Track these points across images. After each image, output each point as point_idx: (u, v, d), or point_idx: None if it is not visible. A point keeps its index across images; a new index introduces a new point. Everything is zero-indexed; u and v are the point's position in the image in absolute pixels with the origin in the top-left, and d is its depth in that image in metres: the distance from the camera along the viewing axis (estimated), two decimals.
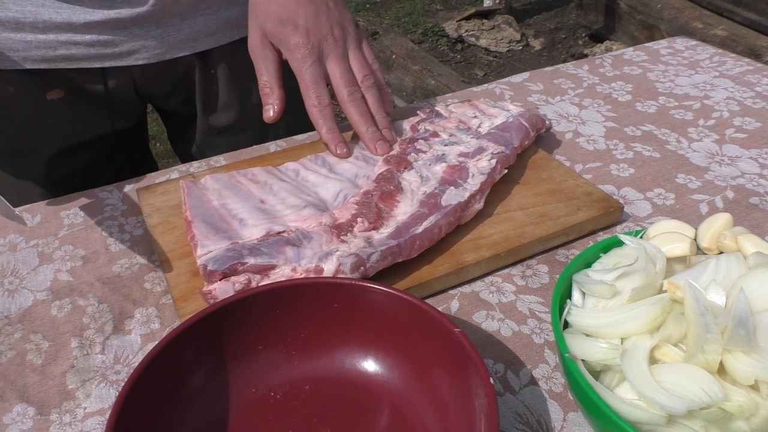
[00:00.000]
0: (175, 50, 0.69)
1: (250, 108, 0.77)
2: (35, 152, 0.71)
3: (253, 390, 0.42)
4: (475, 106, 0.68)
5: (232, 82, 0.75)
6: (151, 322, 0.49)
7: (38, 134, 0.70)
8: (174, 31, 0.68)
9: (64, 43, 0.63)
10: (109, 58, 0.66)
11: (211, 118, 0.78)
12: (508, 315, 0.49)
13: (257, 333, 0.43)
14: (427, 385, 0.41)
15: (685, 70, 0.85)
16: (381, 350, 0.43)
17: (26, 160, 0.72)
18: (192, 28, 0.69)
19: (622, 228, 0.57)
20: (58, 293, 0.51)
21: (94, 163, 0.76)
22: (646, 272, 0.40)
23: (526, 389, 0.43)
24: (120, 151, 0.79)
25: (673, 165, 0.66)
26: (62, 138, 0.71)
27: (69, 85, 0.68)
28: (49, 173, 0.73)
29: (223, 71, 0.74)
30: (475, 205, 0.53)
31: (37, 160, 0.72)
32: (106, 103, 0.72)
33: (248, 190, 0.55)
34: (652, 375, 0.35)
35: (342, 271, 0.46)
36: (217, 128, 0.78)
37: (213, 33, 0.71)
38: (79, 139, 0.72)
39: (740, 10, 2.73)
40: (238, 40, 0.73)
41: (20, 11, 0.61)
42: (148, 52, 0.68)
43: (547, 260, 0.54)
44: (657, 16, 3.03)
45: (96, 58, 0.66)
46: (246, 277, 0.45)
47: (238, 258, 0.46)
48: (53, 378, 0.44)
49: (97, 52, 0.65)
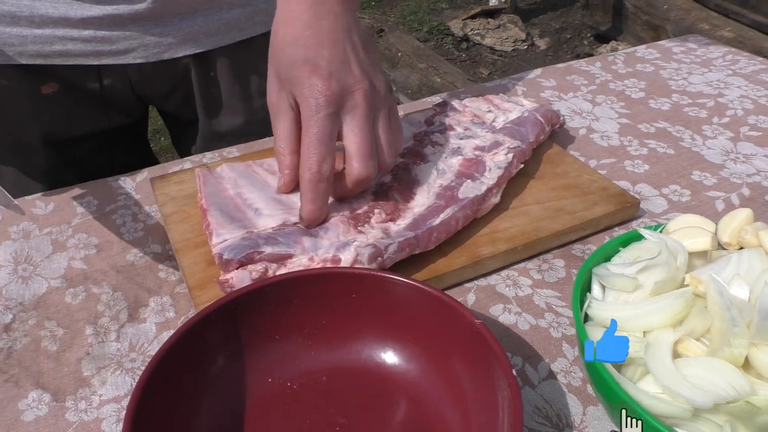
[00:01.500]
0: (173, 50, 0.67)
1: (253, 112, 0.75)
2: (31, 146, 0.70)
3: (270, 380, 0.42)
4: (489, 101, 0.68)
5: (234, 86, 0.73)
6: (165, 311, 0.48)
7: (34, 128, 0.69)
8: (173, 30, 0.66)
9: (60, 38, 0.62)
10: (106, 55, 0.65)
11: (213, 123, 0.75)
12: (525, 308, 0.49)
13: (274, 322, 0.42)
14: (447, 378, 0.41)
15: (698, 68, 0.84)
16: (399, 341, 0.43)
17: (23, 154, 0.71)
18: (192, 27, 0.66)
19: (637, 224, 0.57)
20: (72, 281, 0.51)
21: (90, 157, 0.75)
22: (667, 266, 0.40)
23: (544, 383, 0.43)
24: (118, 147, 0.77)
25: (688, 162, 0.65)
26: (58, 132, 0.70)
27: (64, 81, 0.67)
28: (45, 167, 0.72)
29: (223, 74, 0.72)
30: (491, 198, 0.53)
31: (33, 154, 0.71)
32: (101, 100, 0.70)
33: (264, 180, 0.55)
34: (677, 369, 0.35)
35: (359, 262, 0.46)
36: (218, 133, 0.75)
37: (213, 34, 0.68)
38: (75, 134, 0.71)
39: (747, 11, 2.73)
40: (239, 42, 0.70)
41: (16, 5, 0.59)
42: (145, 51, 0.66)
43: (563, 254, 0.54)
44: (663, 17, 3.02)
45: (92, 54, 0.64)
46: (263, 266, 0.45)
47: (254, 247, 0.45)
48: (68, 365, 0.44)
49: (93, 48, 0.64)
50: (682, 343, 0.37)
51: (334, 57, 0.47)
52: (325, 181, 0.47)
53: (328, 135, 0.46)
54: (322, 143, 0.46)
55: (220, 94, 0.73)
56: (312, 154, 0.46)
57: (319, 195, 0.47)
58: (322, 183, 0.47)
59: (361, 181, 0.48)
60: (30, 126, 0.69)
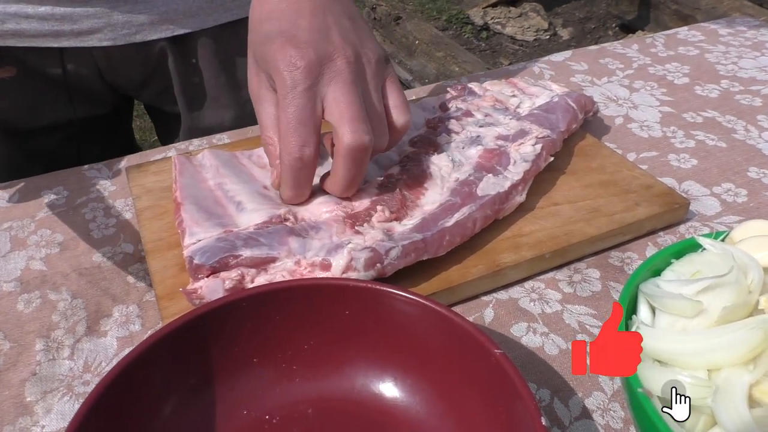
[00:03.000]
0: (146, 32, 0.58)
1: (243, 105, 0.65)
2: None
3: (245, 412, 0.35)
4: (514, 84, 0.59)
5: (219, 75, 0.64)
6: (130, 323, 0.41)
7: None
8: (145, 8, 0.57)
9: (12, 15, 0.54)
10: (67, 36, 0.57)
11: (196, 117, 0.66)
12: (553, 329, 0.41)
13: (252, 343, 0.35)
14: (457, 417, 0.33)
15: (749, 51, 0.75)
16: (401, 370, 0.35)
17: None
18: (168, 6, 0.58)
19: (686, 228, 0.49)
20: (27, 285, 0.44)
21: (59, 150, 0.67)
22: (738, 285, 0.32)
23: (577, 423, 0.35)
24: (92, 140, 0.70)
25: (743, 156, 0.57)
26: (16, 121, 0.63)
27: (22, 64, 0.60)
28: (4, 159, 0.65)
29: (206, 61, 0.63)
30: (516, 197, 0.45)
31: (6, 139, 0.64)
32: (65, 88, 0.63)
33: (250, 173, 0.47)
34: (754, 420, 0.27)
35: (354, 268, 0.38)
36: (203, 129, 0.66)
37: (194, 14, 0.59)
38: (37, 124, 0.64)
39: None
40: (225, 24, 0.61)
41: None
42: (113, 32, 0.57)
43: (598, 263, 0.46)
44: (694, 5, 2.89)
45: (51, 35, 0.57)
46: (238, 272, 0.37)
47: (230, 250, 0.38)
48: (10, 387, 0.37)
49: (51, 28, 0.56)
50: (760, 386, 0.29)
51: (312, 26, 0.41)
52: (308, 168, 0.41)
53: (308, 113, 0.40)
54: (302, 123, 0.39)
55: (203, 84, 0.64)
56: (291, 136, 0.40)
57: (300, 182, 0.42)
58: (304, 170, 0.41)
59: (354, 152, 0.40)
60: None
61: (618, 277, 0.45)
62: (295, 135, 0.40)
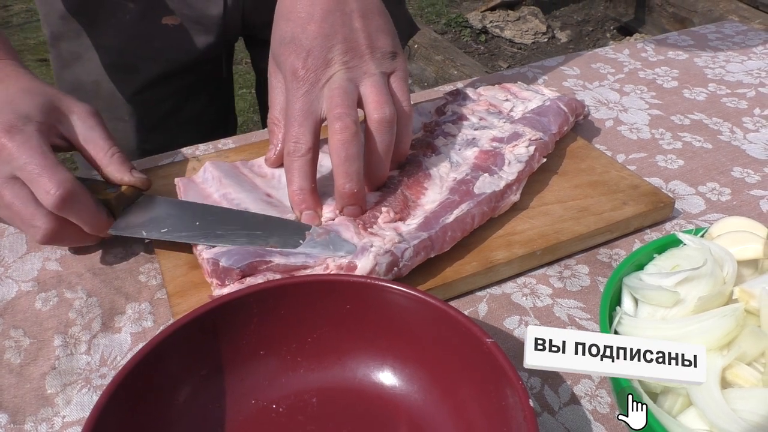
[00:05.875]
0: None
1: None
2: (135, 71, 0.70)
3: (253, 401, 0.37)
4: (507, 89, 0.62)
5: None
6: (143, 320, 0.44)
7: (143, 54, 0.69)
8: None
9: None
10: None
11: None
12: (544, 321, 0.43)
13: (258, 336, 0.37)
14: (452, 403, 0.35)
15: (737, 56, 0.77)
16: (399, 360, 0.38)
17: (123, 78, 0.71)
18: None
19: (672, 226, 0.51)
20: (44, 284, 0.47)
21: (181, 94, 0.74)
22: (713, 277, 0.34)
23: (566, 409, 0.38)
24: (206, 88, 0.76)
25: (727, 157, 0.59)
26: (162, 61, 0.70)
27: (186, 12, 0.67)
28: (139, 97, 0.71)
29: None
30: (511, 196, 0.47)
31: (133, 79, 0.71)
32: (217, 29, 0.69)
33: (252, 183, 0.50)
34: (727, 401, 0.29)
35: (376, 272, 0.40)
36: None
37: None
38: (175, 66, 0.71)
39: None
40: None
41: None
42: None
43: (587, 260, 0.48)
44: (690, 8, 2.91)
45: None
46: (264, 278, 0.40)
47: (261, 255, 0.40)
48: (31, 380, 0.40)
49: None
50: (732, 369, 0.31)
51: (318, 32, 0.44)
52: (306, 156, 0.44)
53: (306, 111, 0.44)
54: (299, 123, 0.44)
55: None
56: (290, 133, 0.45)
57: (302, 172, 0.45)
58: (302, 159, 0.45)
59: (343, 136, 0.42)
60: (140, 52, 0.69)
61: (606, 273, 0.47)
62: (293, 131, 0.45)
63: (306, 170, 0.45)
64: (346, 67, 0.45)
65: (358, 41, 0.45)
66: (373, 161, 0.45)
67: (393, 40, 0.47)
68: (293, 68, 0.45)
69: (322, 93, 0.45)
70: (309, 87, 0.44)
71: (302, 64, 0.44)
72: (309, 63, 0.44)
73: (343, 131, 0.42)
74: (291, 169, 0.45)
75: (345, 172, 0.43)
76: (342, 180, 0.44)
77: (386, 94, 0.45)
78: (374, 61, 0.46)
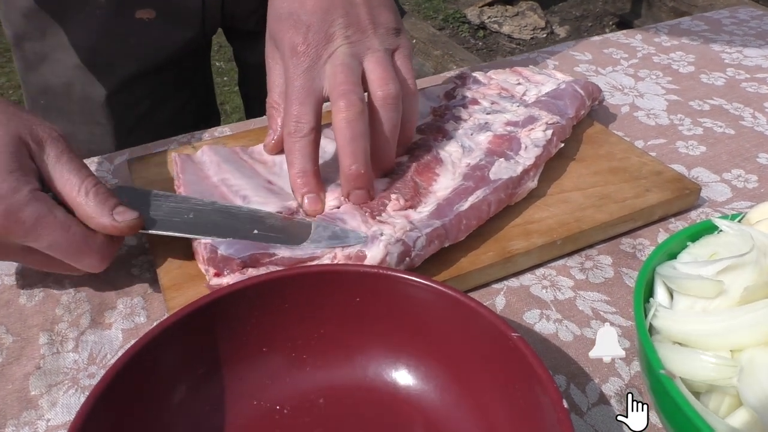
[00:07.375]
0: None
1: None
2: (109, 70, 0.65)
3: (255, 402, 0.34)
4: (518, 73, 0.59)
5: None
6: (135, 315, 0.41)
7: (117, 52, 0.65)
8: None
9: None
10: None
11: None
12: (566, 315, 0.40)
13: (260, 332, 0.34)
14: (473, 403, 0.33)
15: (754, 40, 0.75)
16: (414, 357, 0.35)
17: (97, 78, 0.65)
18: None
19: (698, 214, 0.48)
20: (29, 278, 0.43)
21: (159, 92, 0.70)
22: (759, 265, 0.31)
23: (595, 409, 0.35)
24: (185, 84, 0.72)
25: (751, 143, 0.56)
26: (139, 58, 0.66)
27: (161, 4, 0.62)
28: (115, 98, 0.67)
29: None
30: (528, 182, 0.44)
31: (107, 79, 0.66)
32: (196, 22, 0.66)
33: (252, 168, 0.47)
34: None
35: (387, 262, 0.37)
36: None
37: None
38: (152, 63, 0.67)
39: None
40: None
41: None
42: None
43: (609, 250, 0.45)
44: (690, 3, 2.89)
45: None
46: (267, 271, 0.37)
47: (264, 247, 0.38)
48: (13, 381, 0.37)
49: None
50: None
51: (318, 6, 0.42)
52: (308, 137, 0.42)
53: (307, 90, 0.42)
54: (300, 101, 0.42)
55: None
56: (291, 113, 0.42)
57: (303, 154, 0.42)
58: (303, 140, 0.42)
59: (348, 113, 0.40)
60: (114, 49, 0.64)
61: (630, 263, 0.44)
62: (293, 111, 0.42)
63: (308, 151, 0.42)
64: (349, 42, 0.42)
65: (360, 16, 0.43)
66: (379, 142, 0.42)
67: (395, 16, 0.45)
68: (292, 44, 0.42)
69: (324, 70, 0.42)
70: (310, 63, 0.41)
71: (302, 40, 0.42)
72: (309, 38, 0.42)
73: (348, 108, 0.40)
74: (292, 151, 0.42)
75: (351, 152, 0.40)
76: (348, 161, 0.40)
77: (391, 71, 0.42)
78: (377, 37, 0.43)
